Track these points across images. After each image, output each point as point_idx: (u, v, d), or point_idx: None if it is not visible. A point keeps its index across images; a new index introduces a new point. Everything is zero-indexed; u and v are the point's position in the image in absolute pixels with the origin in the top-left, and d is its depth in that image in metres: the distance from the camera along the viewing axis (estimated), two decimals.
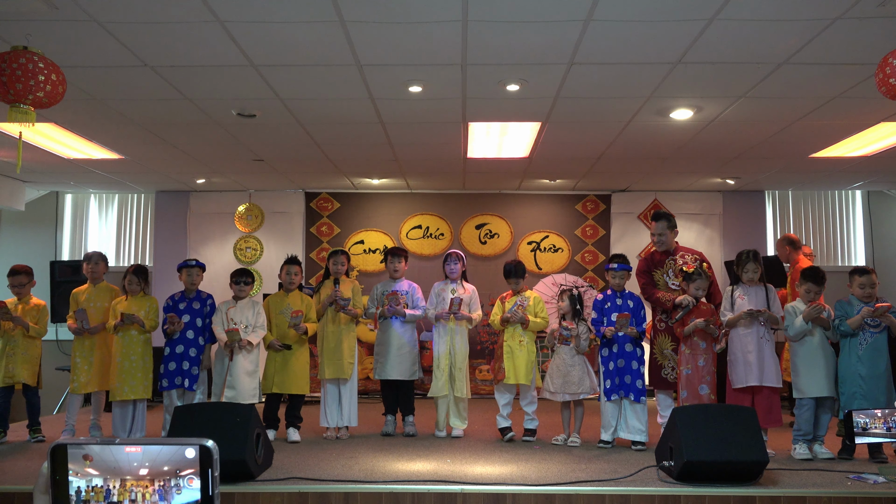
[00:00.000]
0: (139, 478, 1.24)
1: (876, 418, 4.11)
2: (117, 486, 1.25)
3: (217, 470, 1.25)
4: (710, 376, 4.91)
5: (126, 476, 1.25)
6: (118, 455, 1.25)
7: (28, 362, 5.46)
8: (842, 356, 4.74)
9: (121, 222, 8.60)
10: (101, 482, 1.25)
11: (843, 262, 8.43)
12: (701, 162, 6.85)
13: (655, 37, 3.81)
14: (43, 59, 3.41)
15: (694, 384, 4.87)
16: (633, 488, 3.78)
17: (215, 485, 1.25)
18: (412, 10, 3.49)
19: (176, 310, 5.34)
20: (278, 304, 5.47)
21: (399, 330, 5.60)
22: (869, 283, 4.73)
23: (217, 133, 5.73)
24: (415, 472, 4.19)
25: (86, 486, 1.25)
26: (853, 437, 4.28)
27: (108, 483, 1.25)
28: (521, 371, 5.27)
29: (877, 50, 3.71)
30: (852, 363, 4.65)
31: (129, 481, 1.25)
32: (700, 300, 4.97)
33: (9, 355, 5.41)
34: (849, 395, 4.63)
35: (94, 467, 1.24)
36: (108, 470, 1.24)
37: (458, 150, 6.40)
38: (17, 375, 5.40)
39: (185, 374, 5.25)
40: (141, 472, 1.24)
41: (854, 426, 4.21)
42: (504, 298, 5.50)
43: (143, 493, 1.25)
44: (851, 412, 4.25)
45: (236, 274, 5.45)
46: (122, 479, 1.24)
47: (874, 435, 4.15)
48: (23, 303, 5.54)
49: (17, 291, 5.54)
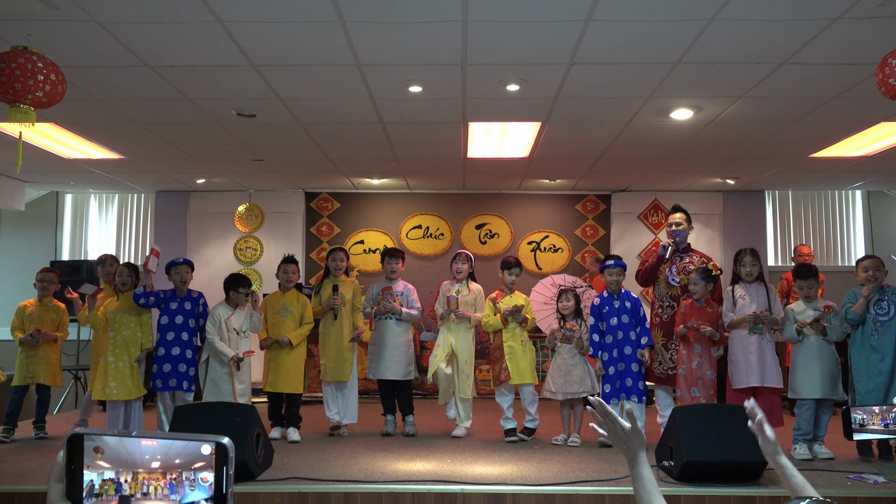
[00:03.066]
0: (151, 471, 1.23)
1: (873, 414, 4.06)
2: (129, 479, 1.24)
3: (232, 468, 1.24)
4: (703, 379, 4.89)
5: (138, 469, 1.24)
6: (132, 448, 1.24)
7: (49, 364, 5.56)
8: (854, 349, 4.70)
9: (121, 222, 8.60)
10: (112, 475, 1.24)
11: (843, 262, 8.43)
12: (701, 162, 6.85)
13: (655, 37, 3.81)
14: (42, 59, 3.41)
15: (687, 385, 4.92)
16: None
17: (230, 483, 1.24)
18: (412, 10, 3.49)
19: (168, 310, 5.20)
20: (275, 303, 5.47)
21: (394, 330, 5.58)
22: (872, 265, 4.71)
23: (217, 133, 5.73)
24: (415, 472, 4.19)
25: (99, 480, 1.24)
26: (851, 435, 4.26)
27: (119, 476, 1.24)
28: (524, 371, 5.28)
29: (877, 50, 3.70)
30: (866, 352, 4.63)
31: (142, 474, 1.24)
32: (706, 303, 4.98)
33: (30, 357, 5.49)
34: (864, 393, 4.60)
35: (106, 460, 1.23)
36: (119, 463, 1.23)
37: (458, 150, 6.40)
38: (36, 376, 5.50)
39: (180, 377, 5.12)
40: (153, 465, 1.23)
41: (851, 422, 4.17)
42: (495, 299, 5.49)
43: (155, 486, 1.24)
44: (848, 409, 4.19)
45: (235, 282, 5.29)
46: (134, 472, 1.24)
47: (872, 431, 4.09)
48: (44, 304, 5.64)
49: (44, 287, 5.65)
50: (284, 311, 5.43)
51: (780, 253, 8.55)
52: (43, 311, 5.63)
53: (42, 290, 5.68)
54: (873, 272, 4.68)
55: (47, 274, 5.74)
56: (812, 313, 4.75)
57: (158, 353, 5.19)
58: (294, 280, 5.52)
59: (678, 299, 5.17)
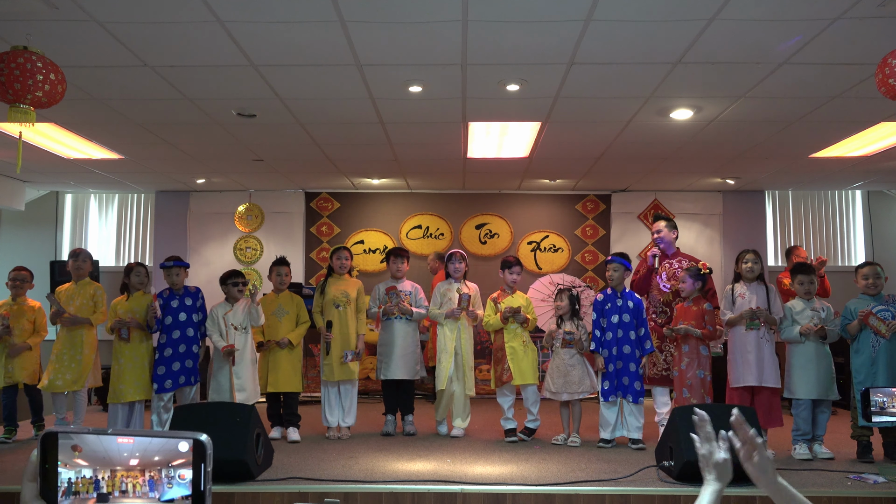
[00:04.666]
0: (129, 468, 1.23)
1: (894, 397, 3.95)
2: (107, 476, 1.24)
3: (210, 465, 1.24)
4: (692, 380, 4.90)
5: (116, 467, 1.23)
6: (109, 445, 1.23)
7: (25, 362, 5.50)
8: (855, 353, 4.68)
9: (121, 222, 8.60)
10: (90, 473, 1.23)
11: (843, 262, 8.43)
12: (701, 162, 6.85)
13: (655, 37, 3.81)
14: (42, 59, 3.41)
15: (679, 386, 4.98)
16: (633, 488, 3.78)
17: (208, 479, 1.23)
18: (412, 10, 3.49)
19: (169, 308, 5.23)
20: (270, 305, 5.48)
21: (403, 329, 5.58)
22: (872, 273, 4.68)
23: (217, 133, 5.72)
24: (415, 472, 4.19)
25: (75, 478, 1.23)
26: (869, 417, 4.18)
27: (97, 474, 1.23)
28: (527, 372, 5.28)
29: (877, 50, 3.70)
30: (868, 363, 4.59)
31: (120, 472, 1.23)
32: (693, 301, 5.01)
33: (8, 356, 5.45)
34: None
35: (84, 458, 1.23)
36: (97, 460, 1.23)
37: (458, 150, 6.40)
38: (15, 376, 5.46)
39: (187, 372, 5.18)
40: (132, 463, 1.23)
41: (871, 405, 4.08)
42: (496, 299, 5.49)
43: (133, 483, 1.23)
44: (868, 391, 4.10)
45: (230, 276, 5.36)
46: (112, 470, 1.23)
47: (892, 414, 3.99)
48: (18, 303, 5.56)
49: (16, 286, 5.55)
50: (280, 311, 5.43)
51: (781, 253, 8.54)
52: (17, 311, 5.52)
53: (14, 288, 5.56)
54: (873, 280, 4.68)
55: (19, 273, 5.60)
56: (810, 313, 4.75)
57: (165, 353, 5.16)
58: (286, 282, 5.53)
59: (671, 304, 5.26)
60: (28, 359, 5.52)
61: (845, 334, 4.70)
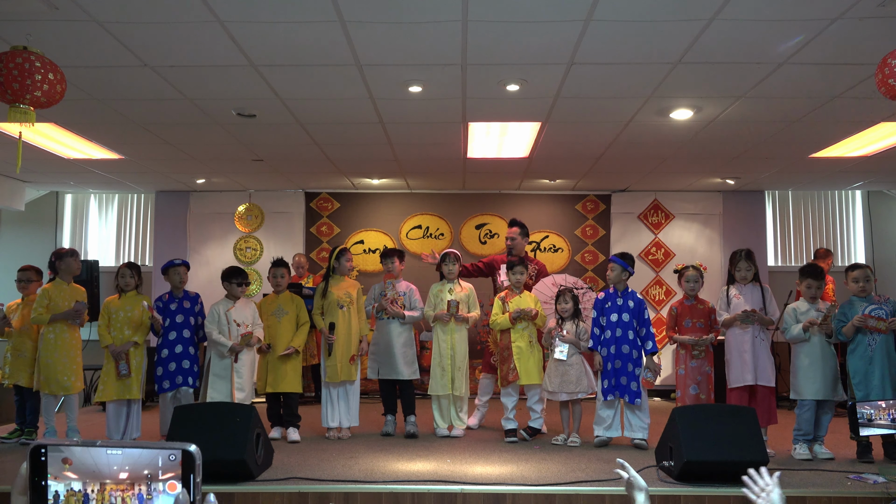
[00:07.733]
0: (119, 481, 1.22)
1: (880, 409, 4.00)
2: (96, 489, 1.23)
3: (199, 475, 1.23)
4: (703, 377, 5.03)
5: (105, 479, 1.23)
6: (98, 458, 1.22)
7: (23, 363, 5.44)
8: (852, 353, 4.68)
9: (121, 222, 8.60)
10: (79, 486, 1.23)
11: (843, 262, 8.42)
12: (701, 162, 6.85)
13: (655, 37, 3.81)
14: (41, 59, 3.40)
15: (686, 384, 5.02)
16: None
17: (197, 490, 1.23)
18: (412, 10, 3.49)
19: (168, 311, 5.30)
20: (270, 306, 5.49)
21: (396, 330, 5.57)
22: (863, 276, 4.68)
23: (217, 133, 5.73)
24: (415, 472, 4.19)
25: (65, 491, 1.23)
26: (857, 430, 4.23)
27: (86, 487, 1.23)
28: (532, 371, 5.28)
29: (877, 50, 3.70)
30: (864, 363, 4.59)
31: (109, 485, 1.23)
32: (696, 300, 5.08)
33: (15, 357, 5.44)
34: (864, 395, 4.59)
35: (74, 471, 1.22)
36: (87, 473, 1.22)
37: (458, 150, 6.40)
38: (13, 377, 5.43)
39: (185, 373, 5.24)
40: (121, 476, 1.22)
41: (858, 417, 4.12)
42: (504, 298, 5.49)
43: (122, 496, 1.23)
44: (855, 405, 4.14)
45: (232, 275, 5.39)
46: (101, 483, 1.23)
47: (879, 426, 4.04)
48: (26, 302, 5.57)
49: (23, 287, 5.58)
50: (280, 312, 5.44)
51: (780, 253, 8.55)
52: (27, 309, 5.48)
53: (22, 289, 5.59)
54: (864, 284, 4.67)
55: (25, 273, 5.62)
56: (815, 314, 4.75)
57: (162, 354, 5.26)
58: (283, 283, 5.53)
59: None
60: (25, 360, 5.45)
61: (841, 336, 4.70)
